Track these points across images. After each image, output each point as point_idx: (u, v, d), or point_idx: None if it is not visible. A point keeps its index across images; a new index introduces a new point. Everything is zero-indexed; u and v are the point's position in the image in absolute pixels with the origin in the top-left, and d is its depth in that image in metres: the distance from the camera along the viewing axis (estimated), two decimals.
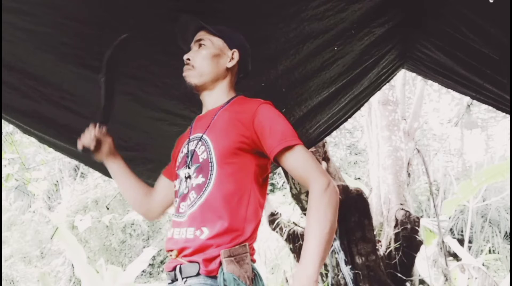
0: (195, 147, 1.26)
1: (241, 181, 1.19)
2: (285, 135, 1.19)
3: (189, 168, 1.25)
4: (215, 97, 1.34)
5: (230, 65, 1.33)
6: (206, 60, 1.31)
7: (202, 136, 1.26)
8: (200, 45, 1.33)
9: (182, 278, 1.14)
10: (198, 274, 1.12)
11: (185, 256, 1.16)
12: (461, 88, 2.29)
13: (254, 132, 1.20)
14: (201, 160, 1.23)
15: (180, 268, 1.15)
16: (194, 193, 1.21)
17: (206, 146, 1.23)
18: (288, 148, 1.18)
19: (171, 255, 1.20)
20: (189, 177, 1.24)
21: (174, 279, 1.17)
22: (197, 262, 1.12)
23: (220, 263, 1.10)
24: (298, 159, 1.19)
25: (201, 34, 1.34)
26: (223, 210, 1.15)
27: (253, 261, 1.18)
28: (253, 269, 1.14)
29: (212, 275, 1.11)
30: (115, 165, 1.49)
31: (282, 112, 1.27)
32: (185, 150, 1.30)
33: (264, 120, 1.21)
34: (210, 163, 1.20)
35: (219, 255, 1.10)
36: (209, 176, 1.19)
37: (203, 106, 1.39)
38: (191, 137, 1.31)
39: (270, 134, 1.19)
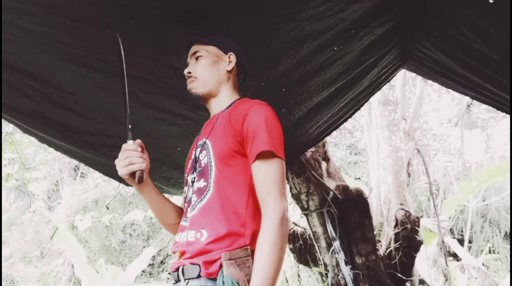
0: (200, 153, 1.29)
1: (239, 184, 1.20)
2: (263, 143, 1.16)
3: (194, 173, 1.28)
4: (220, 102, 1.36)
5: (229, 67, 1.37)
6: (207, 68, 1.34)
7: (205, 141, 1.29)
8: (197, 57, 1.37)
9: (185, 280, 1.16)
10: (199, 276, 1.13)
11: (186, 258, 1.18)
12: (461, 88, 2.29)
13: (242, 138, 1.20)
14: (203, 164, 1.26)
15: (182, 270, 1.17)
16: (195, 196, 1.24)
17: (207, 151, 1.26)
18: (260, 157, 1.16)
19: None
20: (193, 181, 1.27)
21: (177, 280, 1.19)
22: (198, 264, 1.14)
23: (221, 266, 1.11)
24: (263, 173, 1.15)
25: (195, 47, 1.38)
26: (222, 213, 1.16)
27: None
28: (252, 270, 1.15)
29: (212, 277, 1.12)
30: (146, 188, 1.33)
31: (282, 112, 1.28)
32: (193, 156, 1.33)
33: (250, 126, 1.19)
34: (209, 167, 1.23)
35: (219, 258, 1.12)
36: (209, 179, 1.21)
37: (210, 113, 1.41)
38: (198, 143, 1.34)
39: (252, 141, 1.18)
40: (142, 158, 1.21)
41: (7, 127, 4.38)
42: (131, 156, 1.19)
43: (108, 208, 9.04)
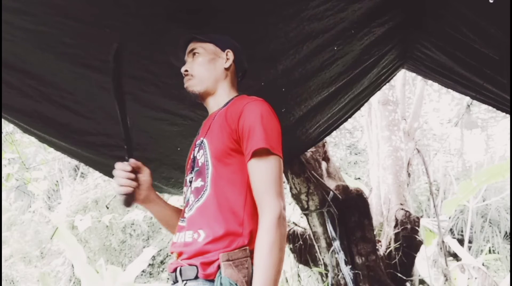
0: (197, 152, 1.28)
1: (237, 183, 1.18)
2: (259, 140, 1.14)
3: (192, 173, 1.27)
4: (218, 100, 1.35)
5: (227, 65, 1.36)
6: (204, 66, 1.33)
7: (202, 140, 1.27)
8: (194, 55, 1.35)
9: (182, 281, 1.14)
10: (196, 277, 1.12)
11: (184, 259, 1.16)
12: (461, 88, 2.29)
13: (238, 135, 1.19)
14: (200, 164, 1.24)
15: (180, 270, 1.16)
16: (192, 196, 1.22)
17: (204, 150, 1.24)
18: (256, 154, 1.14)
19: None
20: (191, 181, 1.26)
21: (175, 281, 1.18)
22: (196, 265, 1.12)
23: (219, 267, 1.10)
24: (259, 172, 1.13)
25: (192, 45, 1.37)
26: (219, 213, 1.15)
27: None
28: (253, 273, 1.13)
29: (210, 279, 1.10)
30: (148, 205, 1.34)
31: (282, 112, 1.27)
32: (192, 156, 1.32)
33: (245, 123, 1.18)
34: (206, 166, 1.21)
35: (217, 259, 1.10)
36: (206, 179, 1.20)
37: (208, 111, 1.39)
38: (196, 143, 1.33)
39: (247, 138, 1.16)
40: (130, 179, 1.21)
41: (7, 127, 4.38)
42: (118, 176, 1.20)
43: (108, 208, 9.04)
